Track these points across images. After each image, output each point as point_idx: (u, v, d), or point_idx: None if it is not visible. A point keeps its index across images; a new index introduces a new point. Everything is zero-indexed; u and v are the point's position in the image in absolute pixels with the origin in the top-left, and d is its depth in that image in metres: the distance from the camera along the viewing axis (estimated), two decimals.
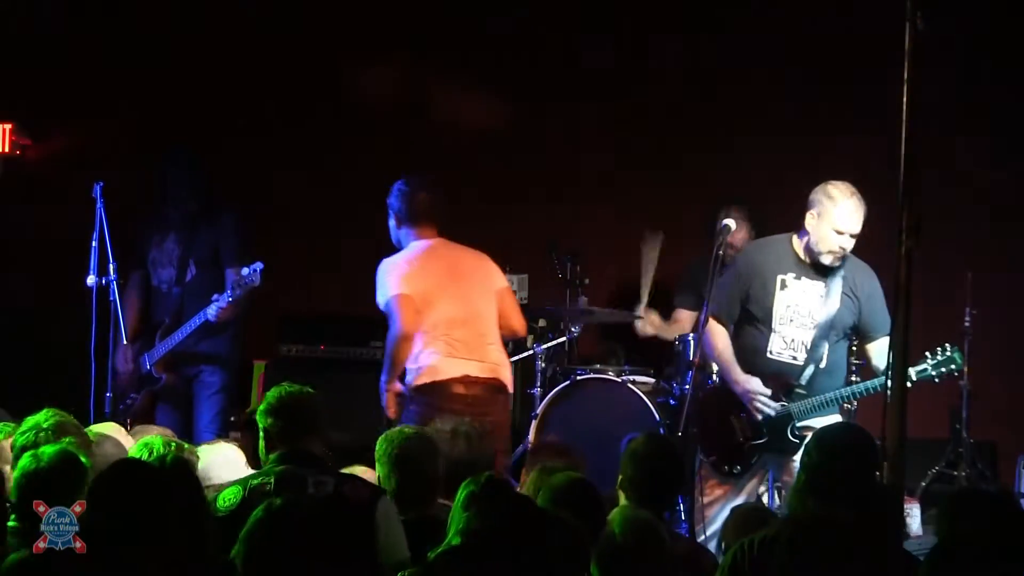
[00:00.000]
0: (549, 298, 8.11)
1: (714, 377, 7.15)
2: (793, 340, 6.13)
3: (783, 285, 6.13)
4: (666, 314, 8.01)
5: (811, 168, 8.09)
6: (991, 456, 8.15)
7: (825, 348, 6.09)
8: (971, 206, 8.12)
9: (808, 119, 8.30)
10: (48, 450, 4.23)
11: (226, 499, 4.35)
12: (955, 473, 7.80)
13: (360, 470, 5.01)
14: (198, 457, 4.92)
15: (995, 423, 8.14)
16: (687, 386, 6.97)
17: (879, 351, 6.04)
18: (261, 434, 4.58)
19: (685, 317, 7.93)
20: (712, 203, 7.51)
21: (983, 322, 7.74)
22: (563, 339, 7.75)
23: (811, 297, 6.10)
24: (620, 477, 4.81)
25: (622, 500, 4.79)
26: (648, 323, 7.89)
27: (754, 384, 6.10)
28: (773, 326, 6.14)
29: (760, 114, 8.41)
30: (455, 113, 8.52)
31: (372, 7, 8.88)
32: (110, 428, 5.36)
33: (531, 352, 7.84)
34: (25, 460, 4.21)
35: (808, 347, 6.08)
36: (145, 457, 4.46)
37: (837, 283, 6.07)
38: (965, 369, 7.73)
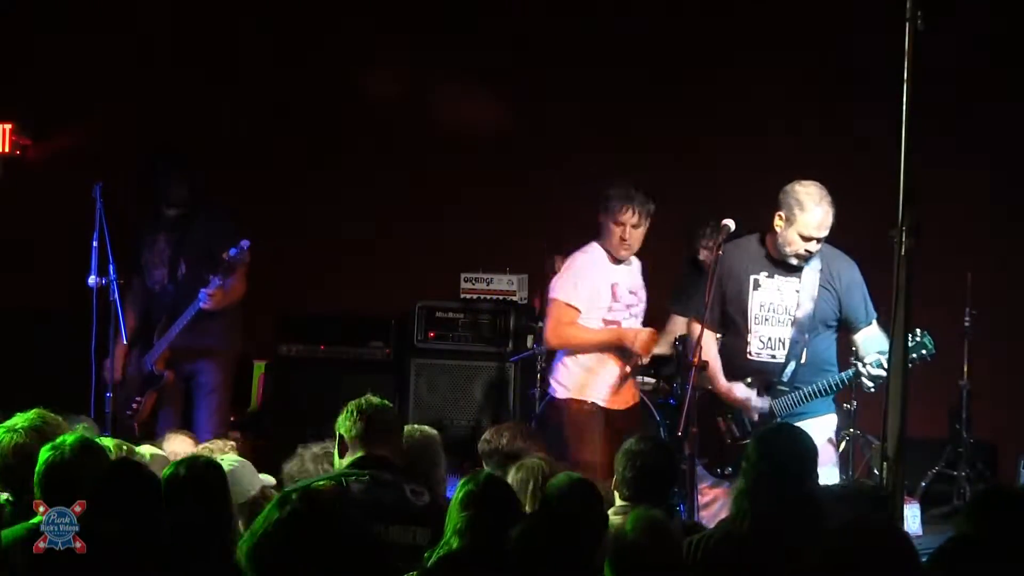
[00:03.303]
0: None
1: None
2: (770, 339, 6.11)
3: (756, 285, 6.13)
4: (659, 325, 7.99)
5: (811, 169, 8.13)
6: (991, 456, 8.15)
7: (804, 343, 6.07)
8: (971, 206, 8.12)
9: (808, 120, 8.30)
10: (70, 439, 4.23)
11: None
12: (955, 473, 7.80)
13: None
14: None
15: (995, 423, 8.14)
16: (687, 386, 6.98)
17: (863, 341, 6.04)
18: (337, 439, 4.58)
19: (680, 323, 7.92)
20: (710, 204, 7.53)
21: (983, 322, 7.74)
22: None
23: (786, 294, 6.09)
24: (615, 477, 4.83)
25: (617, 500, 4.80)
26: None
27: (738, 392, 6.12)
28: (750, 327, 6.12)
29: (761, 114, 8.41)
30: (455, 113, 8.52)
31: (373, 7, 8.89)
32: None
33: (531, 352, 7.85)
34: (46, 453, 4.20)
35: (787, 344, 6.07)
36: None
37: (813, 277, 6.05)
38: (965, 368, 7.76)
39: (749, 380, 6.14)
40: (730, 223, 6.30)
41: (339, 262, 8.87)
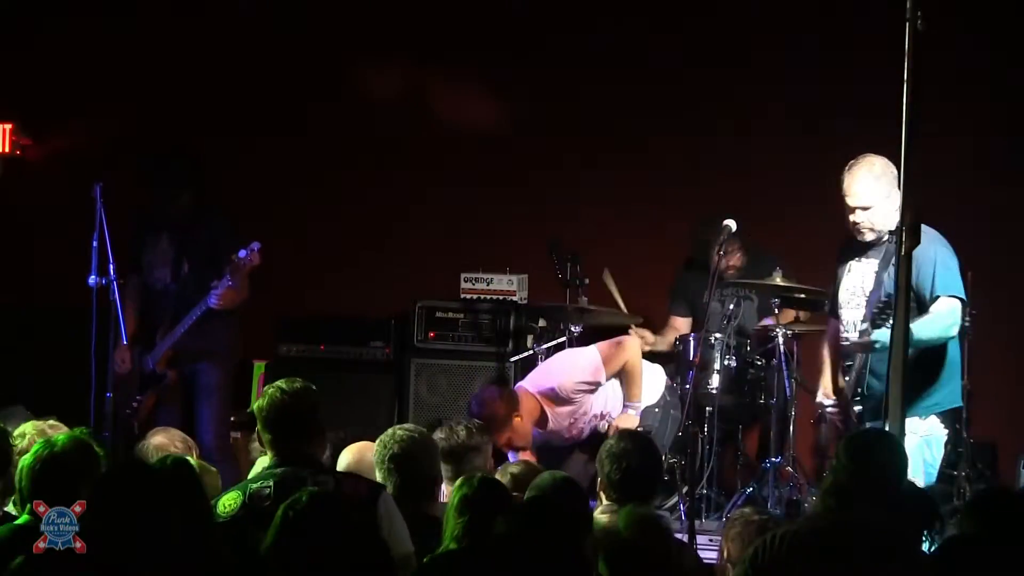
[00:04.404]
0: (549, 298, 8.11)
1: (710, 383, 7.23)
2: (850, 322, 5.97)
3: (849, 270, 6.01)
4: (659, 324, 7.98)
5: (810, 169, 8.13)
6: (991, 456, 8.14)
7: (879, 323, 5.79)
8: (971, 205, 8.11)
9: (809, 121, 8.29)
10: (61, 438, 4.23)
11: (226, 505, 4.34)
12: (955, 473, 7.79)
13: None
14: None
15: (995, 423, 8.13)
16: (687, 386, 6.98)
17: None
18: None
19: (680, 324, 7.93)
20: (710, 204, 7.52)
21: (983, 322, 7.73)
22: (563, 339, 7.75)
23: (867, 276, 5.94)
24: (599, 478, 4.81)
25: (603, 500, 4.80)
26: (644, 339, 7.84)
27: (820, 398, 6.09)
28: (839, 312, 6.05)
29: (761, 115, 8.41)
30: (455, 113, 8.52)
31: (373, 7, 8.88)
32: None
33: (531, 352, 7.84)
34: (38, 447, 4.19)
35: (857, 326, 5.89)
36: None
37: (888, 256, 5.80)
38: (965, 368, 7.73)
39: (848, 363, 6.06)
40: (731, 223, 6.30)
41: (339, 262, 8.86)
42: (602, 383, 6.49)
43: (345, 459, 5.15)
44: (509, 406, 6.55)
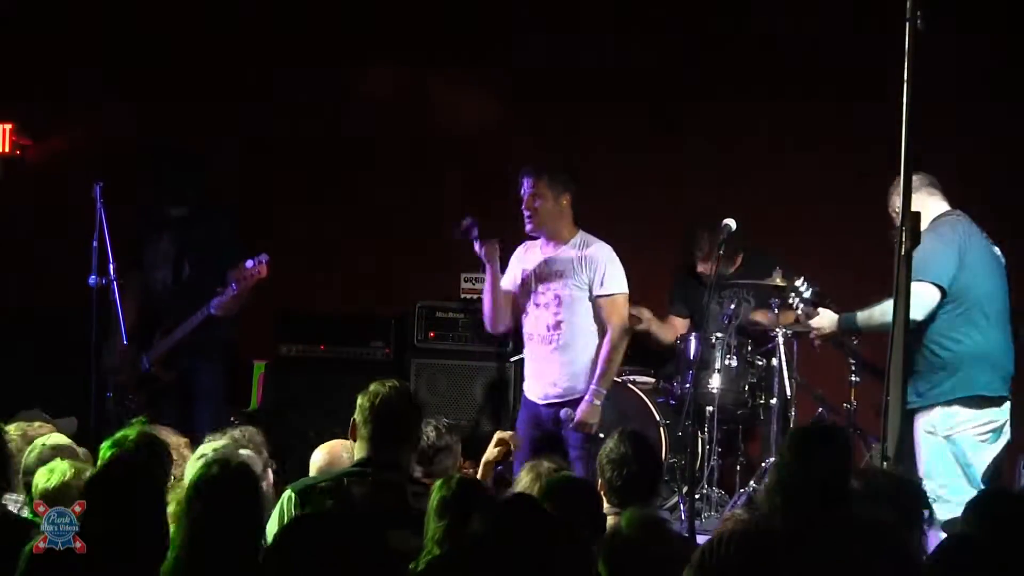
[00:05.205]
0: None
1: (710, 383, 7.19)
2: None
3: None
4: (658, 315, 7.98)
5: (810, 170, 8.14)
6: None
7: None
8: (971, 205, 8.10)
9: (809, 122, 8.29)
10: (132, 434, 4.24)
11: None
12: None
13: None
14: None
15: None
16: (687, 386, 6.98)
17: None
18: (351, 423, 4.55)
19: (679, 324, 7.92)
20: (710, 205, 7.52)
21: None
22: None
23: None
24: (600, 481, 4.81)
25: (605, 503, 4.80)
26: (640, 314, 7.80)
27: None
28: None
29: (761, 114, 8.41)
30: (455, 112, 8.52)
31: (373, 7, 8.88)
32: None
33: None
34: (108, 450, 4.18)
35: None
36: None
37: None
38: None
39: None
40: (730, 222, 6.29)
41: (339, 262, 8.86)
42: (586, 286, 6.53)
43: (319, 457, 5.10)
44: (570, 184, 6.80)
